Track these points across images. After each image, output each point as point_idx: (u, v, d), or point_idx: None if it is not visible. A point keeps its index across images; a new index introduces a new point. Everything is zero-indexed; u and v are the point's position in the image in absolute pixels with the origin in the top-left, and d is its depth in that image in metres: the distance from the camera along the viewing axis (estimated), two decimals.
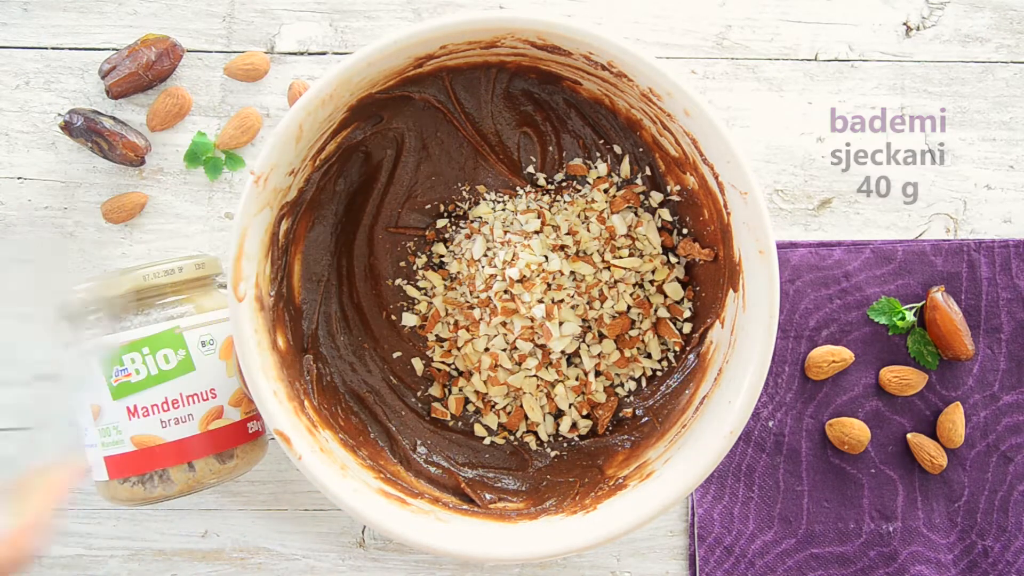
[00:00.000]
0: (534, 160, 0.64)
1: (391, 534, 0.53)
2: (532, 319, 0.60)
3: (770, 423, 0.68)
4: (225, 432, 0.59)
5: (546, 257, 0.61)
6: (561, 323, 0.61)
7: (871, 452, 0.67)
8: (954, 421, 0.67)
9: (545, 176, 0.64)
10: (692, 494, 0.67)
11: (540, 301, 0.60)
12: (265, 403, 0.53)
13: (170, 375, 0.58)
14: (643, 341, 0.63)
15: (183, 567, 0.68)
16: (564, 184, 0.64)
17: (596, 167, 0.64)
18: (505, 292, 0.61)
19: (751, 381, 0.54)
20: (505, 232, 0.62)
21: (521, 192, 0.64)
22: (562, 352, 0.62)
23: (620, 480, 0.58)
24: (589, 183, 0.63)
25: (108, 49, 0.68)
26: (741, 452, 0.67)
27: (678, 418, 0.59)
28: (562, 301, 0.61)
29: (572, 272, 0.62)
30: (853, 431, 0.66)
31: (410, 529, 0.53)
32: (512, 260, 0.60)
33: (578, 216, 0.63)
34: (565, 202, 0.63)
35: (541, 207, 0.63)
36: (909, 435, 0.67)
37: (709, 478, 0.67)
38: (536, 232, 0.62)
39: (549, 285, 0.61)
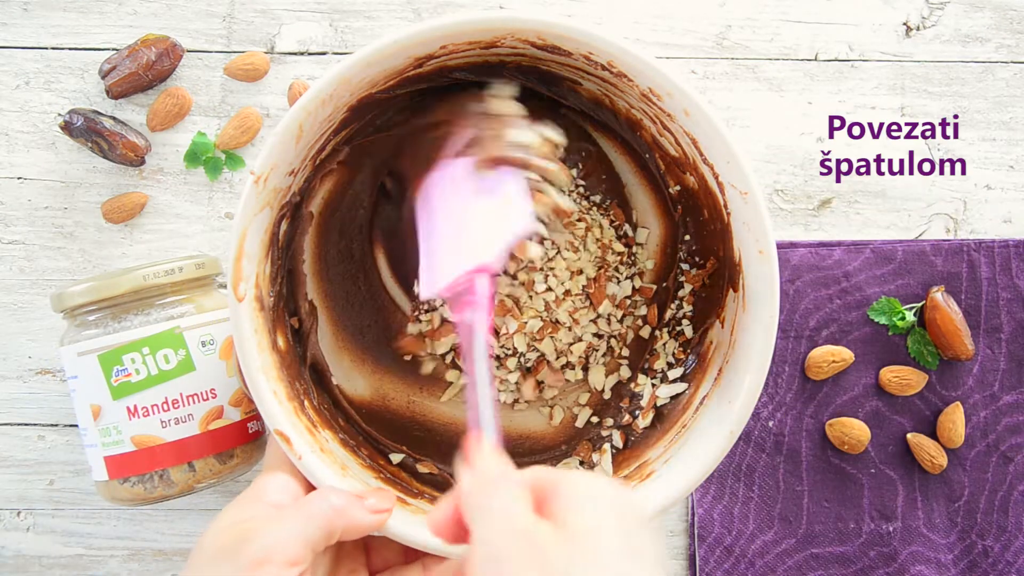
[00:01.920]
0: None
1: (391, 533, 0.53)
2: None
3: (770, 423, 0.68)
4: (225, 432, 0.59)
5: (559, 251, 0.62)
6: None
7: (871, 452, 0.67)
8: (954, 421, 0.67)
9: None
10: (692, 494, 0.67)
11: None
12: (265, 403, 0.53)
13: (170, 375, 0.58)
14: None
15: (183, 567, 0.68)
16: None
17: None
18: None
19: (751, 381, 0.54)
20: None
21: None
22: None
23: (620, 480, 0.58)
24: None
25: (108, 49, 0.68)
26: (741, 452, 0.67)
27: (678, 418, 0.59)
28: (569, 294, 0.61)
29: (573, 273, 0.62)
30: (853, 431, 0.66)
31: (410, 529, 0.53)
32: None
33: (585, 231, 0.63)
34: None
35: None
36: (909, 435, 0.67)
37: (709, 478, 0.67)
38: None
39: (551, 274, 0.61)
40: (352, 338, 0.63)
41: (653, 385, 0.62)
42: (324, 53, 0.69)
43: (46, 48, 0.68)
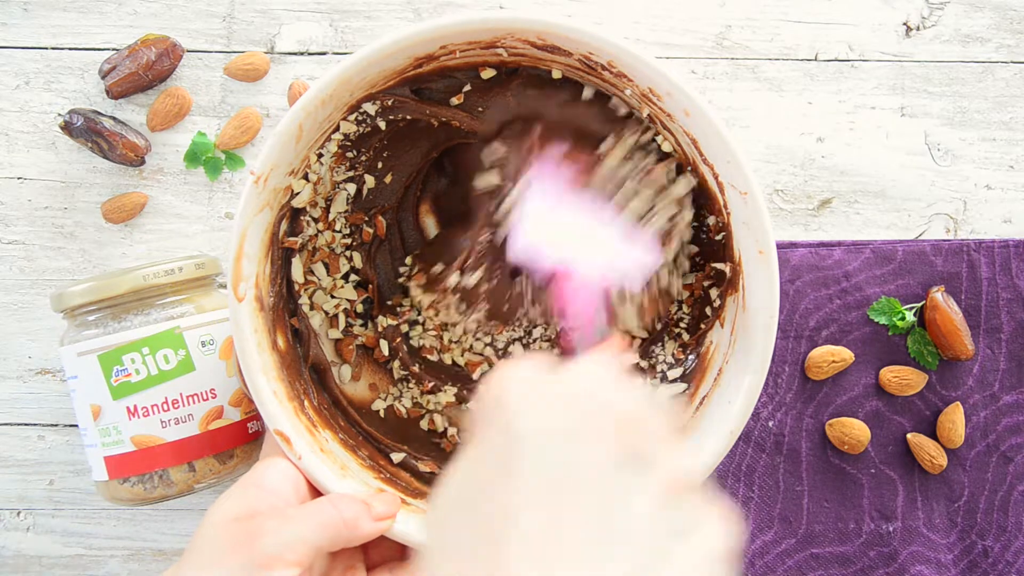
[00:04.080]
0: None
1: (391, 533, 0.53)
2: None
3: (770, 423, 0.68)
4: (225, 432, 0.59)
5: None
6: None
7: (871, 452, 0.67)
8: (954, 421, 0.67)
9: None
10: None
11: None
12: (265, 403, 0.53)
13: (170, 375, 0.58)
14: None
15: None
16: None
17: None
18: None
19: (751, 381, 0.54)
20: None
21: None
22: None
23: None
24: None
25: (108, 49, 0.68)
26: (741, 452, 0.67)
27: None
28: None
29: None
30: (853, 431, 0.66)
31: (411, 529, 0.53)
32: None
33: None
34: None
35: None
36: (909, 435, 0.67)
37: (709, 478, 0.67)
38: None
39: None
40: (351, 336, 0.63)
41: (653, 385, 0.62)
42: (324, 53, 0.69)
43: (46, 48, 0.68)
